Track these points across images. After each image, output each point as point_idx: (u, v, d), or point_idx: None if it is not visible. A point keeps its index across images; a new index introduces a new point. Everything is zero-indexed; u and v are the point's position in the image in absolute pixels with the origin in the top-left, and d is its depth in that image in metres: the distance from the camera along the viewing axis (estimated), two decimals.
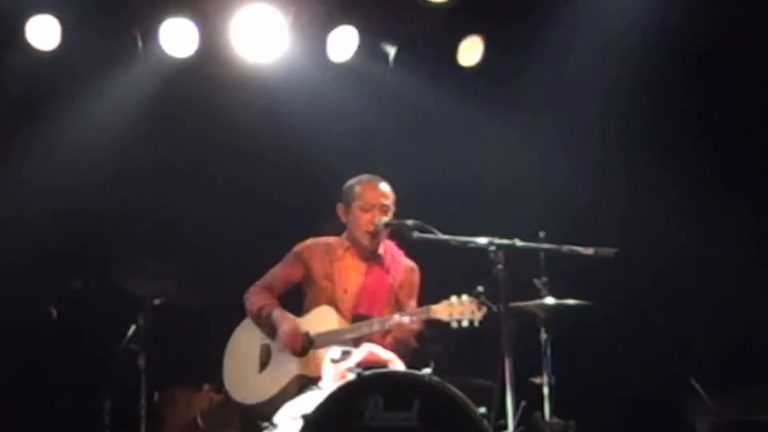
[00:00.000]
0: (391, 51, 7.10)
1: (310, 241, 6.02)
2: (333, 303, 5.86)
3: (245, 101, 7.30)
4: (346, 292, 5.89)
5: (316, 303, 5.91)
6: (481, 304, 5.46)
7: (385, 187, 5.91)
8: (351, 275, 5.92)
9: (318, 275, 5.93)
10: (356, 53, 6.97)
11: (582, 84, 7.31)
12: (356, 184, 5.94)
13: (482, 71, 7.20)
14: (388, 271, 5.92)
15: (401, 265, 5.99)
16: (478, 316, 5.48)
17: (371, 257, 5.94)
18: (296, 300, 6.06)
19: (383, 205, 5.87)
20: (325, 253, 5.95)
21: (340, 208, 5.96)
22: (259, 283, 6.05)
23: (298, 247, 6.02)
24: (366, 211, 5.87)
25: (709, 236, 7.38)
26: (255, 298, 5.99)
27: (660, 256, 7.48)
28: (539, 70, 7.29)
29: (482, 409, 5.29)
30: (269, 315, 5.89)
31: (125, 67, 6.91)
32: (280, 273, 6.03)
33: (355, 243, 5.94)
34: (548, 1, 7.15)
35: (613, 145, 7.46)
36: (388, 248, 5.98)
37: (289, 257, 6.03)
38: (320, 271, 5.93)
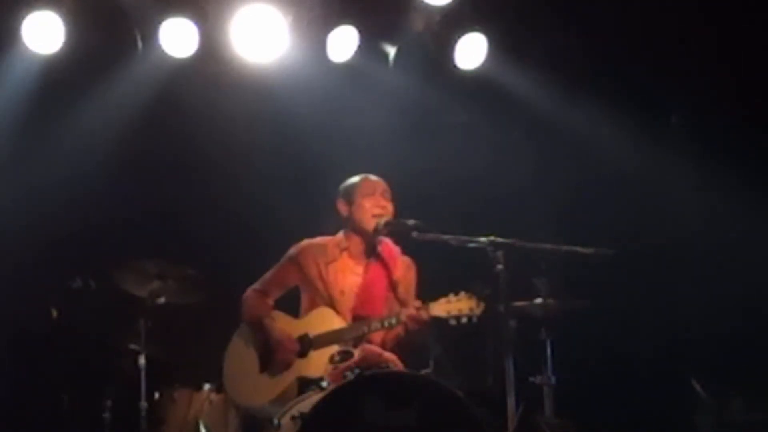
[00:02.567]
0: (391, 51, 7.10)
1: (304, 243, 6.02)
2: (330, 304, 5.86)
3: (245, 101, 7.30)
4: (342, 293, 5.88)
5: (313, 305, 5.91)
6: (479, 299, 5.45)
7: (380, 180, 5.97)
8: (347, 276, 5.92)
9: (313, 277, 5.93)
10: (356, 53, 6.96)
11: (580, 83, 7.31)
12: (355, 179, 5.98)
13: (482, 71, 7.19)
14: (386, 268, 5.93)
15: (399, 261, 5.99)
16: (477, 311, 5.48)
17: (369, 255, 5.95)
18: (295, 299, 6.07)
19: (385, 191, 5.91)
20: (320, 254, 5.95)
21: (340, 203, 5.96)
22: (254, 286, 6.05)
23: (292, 250, 6.03)
24: (370, 195, 5.89)
25: (709, 235, 7.39)
26: (250, 303, 6.01)
27: (660, 256, 7.49)
28: (539, 70, 7.29)
29: None
30: (261, 324, 5.91)
31: (125, 67, 6.91)
32: (275, 277, 6.04)
33: (359, 232, 5.93)
34: (548, 2, 7.16)
35: (612, 143, 7.46)
36: (384, 245, 5.99)
37: (284, 260, 6.04)
38: (315, 273, 5.93)
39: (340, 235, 6.00)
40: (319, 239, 6.02)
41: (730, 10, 7.05)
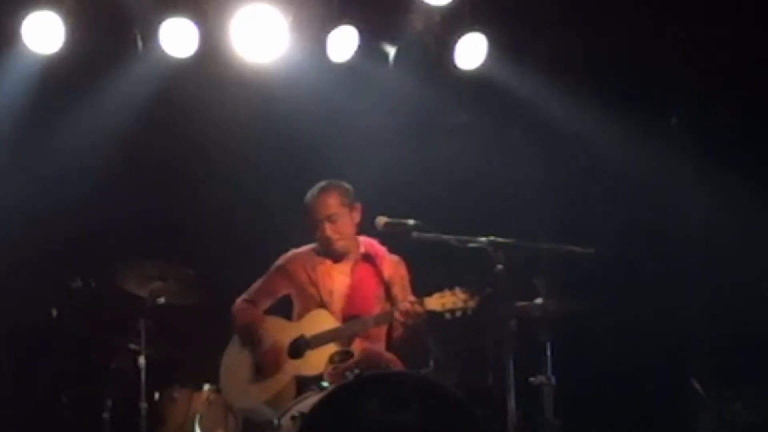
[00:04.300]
0: (391, 51, 7.09)
1: (291, 252, 6.08)
2: (322, 306, 5.88)
3: (245, 101, 7.30)
4: (331, 294, 5.91)
5: (306, 309, 5.92)
6: (473, 293, 5.47)
7: (328, 196, 5.92)
8: (335, 276, 5.95)
9: (304, 283, 5.95)
10: (356, 53, 6.95)
11: (580, 83, 7.31)
12: (306, 199, 5.98)
13: (482, 71, 7.19)
14: (375, 267, 5.94)
15: (386, 259, 6.01)
16: (471, 304, 5.49)
17: (355, 258, 5.95)
18: (288, 304, 6.09)
19: (329, 216, 5.89)
20: (307, 260, 5.99)
21: (306, 223, 5.99)
22: (244, 297, 6.09)
23: (280, 260, 6.07)
24: (316, 227, 5.91)
25: (709, 235, 7.38)
26: (239, 313, 6.03)
27: (660, 256, 7.49)
28: (539, 70, 7.29)
29: None
30: (252, 331, 5.94)
31: (125, 67, 6.91)
32: (264, 286, 6.07)
33: (328, 252, 5.97)
34: (548, 2, 7.16)
35: (613, 144, 7.46)
36: (369, 245, 6.00)
37: (272, 270, 6.07)
38: (305, 279, 5.95)
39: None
40: (304, 247, 6.07)
41: (730, 10, 7.05)
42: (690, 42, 7.25)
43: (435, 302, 5.54)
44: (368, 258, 5.97)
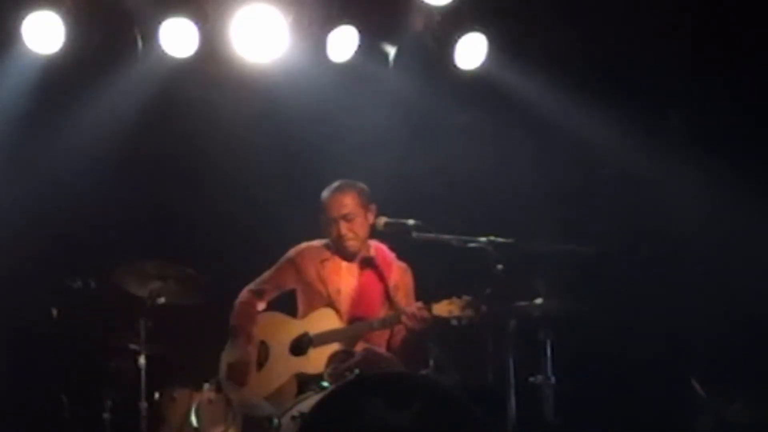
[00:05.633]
0: (391, 51, 7.10)
1: (303, 245, 6.06)
2: (329, 305, 5.87)
3: (245, 101, 7.30)
4: (338, 292, 5.90)
5: (312, 306, 5.92)
6: (480, 301, 5.48)
7: (345, 195, 5.91)
8: (343, 275, 5.95)
9: (312, 278, 5.94)
10: (356, 53, 6.96)
11: (580, 83, 7.32)
12: (323, 196, 5.97)
13: (482, 71, 7.20)
14: (381, 273, 5.93)
15: (394, 266, 6.00)
16: (478, 314, 5.50)
17: (363, 261, 5.95)
18: (293, 299, 6.09)
19: (345, 216, 5.87)
20: (316, 255, 5.98)
21: (321, 217, 5.99)
22: (250, 286, 6.08)
23: (291, 252, 6.06)
24: (330, 225, 5.90)
25: (709, 234, 7.39)
26: (238, 309, 6.03)
27: (660, 256, 7.49)
28: (539, 70, 7.29)
29: None
30: (237, 337, 5.95)
31: (125, 67, 6.91)
32: (272, 278, 6.06)
33: (339, 250, 5.96)
34: (548, 2, 7.16)
35: (612, 143, 7.46)
36: (379, 250, 5.99)
37: (282, 262, 6.06)
38: (313, 275, 5.94)
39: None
40: (316, 242, 6.05)
41: (729, 10, 7.06)
42: (689, 41, 7.24)
43: (443, 308, 5.55)
44: (375, 262, 5.96)
